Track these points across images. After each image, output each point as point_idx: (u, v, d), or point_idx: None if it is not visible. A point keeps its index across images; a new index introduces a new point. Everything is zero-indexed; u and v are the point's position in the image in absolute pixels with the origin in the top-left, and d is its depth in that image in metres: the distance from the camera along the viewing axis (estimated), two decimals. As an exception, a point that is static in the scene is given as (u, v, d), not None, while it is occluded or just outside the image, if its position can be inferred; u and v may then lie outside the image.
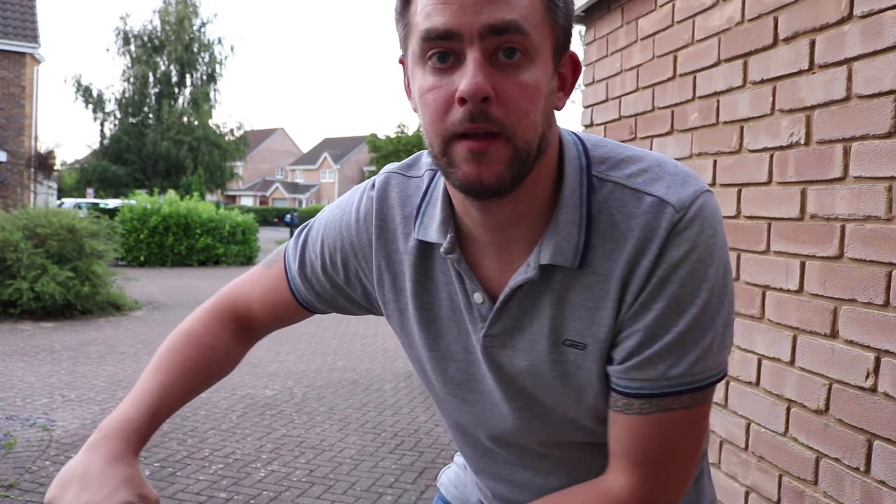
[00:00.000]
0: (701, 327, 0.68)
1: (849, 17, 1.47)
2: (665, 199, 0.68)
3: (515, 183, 0.67)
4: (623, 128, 2.48)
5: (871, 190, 1.40)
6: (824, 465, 1.50)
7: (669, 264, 0.67)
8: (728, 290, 0.70)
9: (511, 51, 0.64)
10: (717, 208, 0.71)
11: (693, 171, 0.72)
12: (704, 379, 0.70)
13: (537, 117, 0.66)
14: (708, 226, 0.68)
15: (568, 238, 0.70)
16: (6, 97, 16.24)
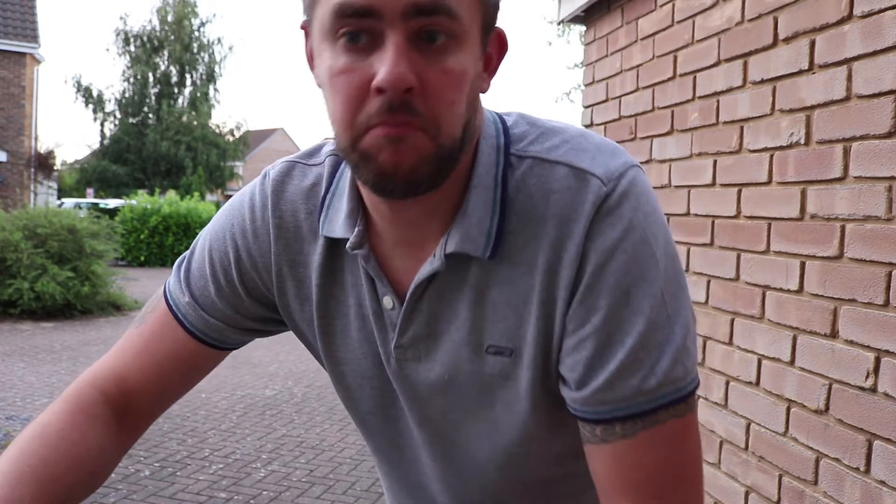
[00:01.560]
0: (665, 323, 0.57)
1: (849, 17, 1.47)
2: (588, 170, 0.59)
3: (436, 180, 0.58)
4: (623, 128, 2.48)
5: (871, 190, 1.40)
6: (824, 465, 1.50)
7: (605, 248, 0.57)
8: (682, 274, 0.60)
9: (435, 34, 0.55)
10: (649, 185, 0.61)
11: (622, 148, 0.64)
12: (686, 385, 0.58)
13: (462, 107, 0.58)
14: (644, 202, 0.58)
15: (479, 223, 0.60)
16: (6, 97, 16.24)
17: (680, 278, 0.59)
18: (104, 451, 0.69)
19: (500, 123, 0.65)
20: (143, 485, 3.81)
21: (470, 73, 0.58)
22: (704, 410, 1.95)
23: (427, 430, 0.69)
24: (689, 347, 0.58)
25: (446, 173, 0.59)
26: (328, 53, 0.56)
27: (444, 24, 0.54)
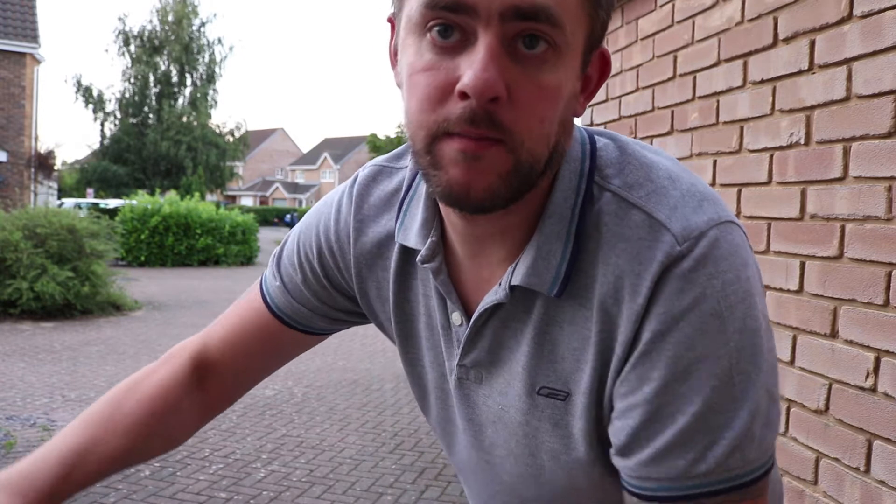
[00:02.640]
0: (728, 407, 0.51)
1: (848, 18, 1.47)
2: (665, 222, 0.53)
3: (511, 199, 0.53)
4: (623, 128, 2.48)
5: (870, 190, 1.40)
6: (824, 465, 1.50)
7: (669, 316, 0.51)
8: (764, 352, 0.52)
9: (534, 39, 0.49)
10: (743, 246, 0.54)
11: (718, 197, 0.56)
12: (745, 474, 0.52)
13: (552, 127, 0.52)
14: (726, 268, 0.52)
15: (547, 257, 0.56)
16: (6, 97, 16.24)
17: (757, 359, 0.52)
18: (183, 413, 0.74)
19: (588, 144, 0.59)
20: (143, 484, 3.81)
21: (566, 91, 0.53)
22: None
23: (478, 455, 0.67)
24: (756, 433, 0.52)
25: (522, 193, 0.54)
26: (413, 49, 0.52)
27: (546, 32, 0.49)
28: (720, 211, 0.55)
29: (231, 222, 16.27)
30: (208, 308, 9.79)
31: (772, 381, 0.53)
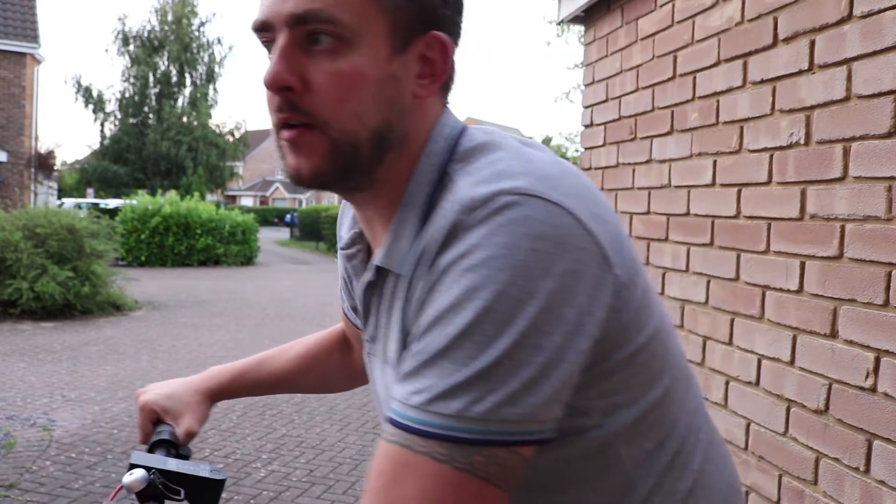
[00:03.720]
0: (457, 351, 0.52)
1: (848, 18, 1.47)
2: (463, 191, 0.57)
3: (343, 175, 0.62)
4: (623, 128, 2.48)
5: (870, 190, 1.40)
6: (824, 465, 1.50)
7: (444, 264, 0.55)
8: (510, 315, 0.52)
9: (318, 36, 0.59)
10: (535, 218, 0.54)
11: (539, 171, 0.58)
12: (453, 427, 0.52)
13: (362, 106, 0.60)
14: (504, 232, 0.53)
15: (399, 239, 0.62)
16: (6, 97, 16.24)
17: (514, 320, 0.52)
18: (335, 363, 1.01)
19: (456, 137, 0.65)
20: (143, 485, 3.80)
21: (370, 74, 0.60)
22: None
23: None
24: (479, 388, 0.52)
25: (352, 168, 0.62)
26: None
27: (326, 29, 0.59)
28: (521, 182, 0.56)
29: (231, 222, 16.27)
30: (208, 308, 9.79)
31: (523, 353, 0.53)
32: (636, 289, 0.61)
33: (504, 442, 0.53)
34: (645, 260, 2.30)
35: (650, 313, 0.64)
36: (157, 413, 0.94)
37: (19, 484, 3.71)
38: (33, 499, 3.54)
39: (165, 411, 0.94)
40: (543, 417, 0.54)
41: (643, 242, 2.32)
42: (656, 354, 0.64)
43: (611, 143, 2.57)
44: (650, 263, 2.27)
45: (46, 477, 3.82)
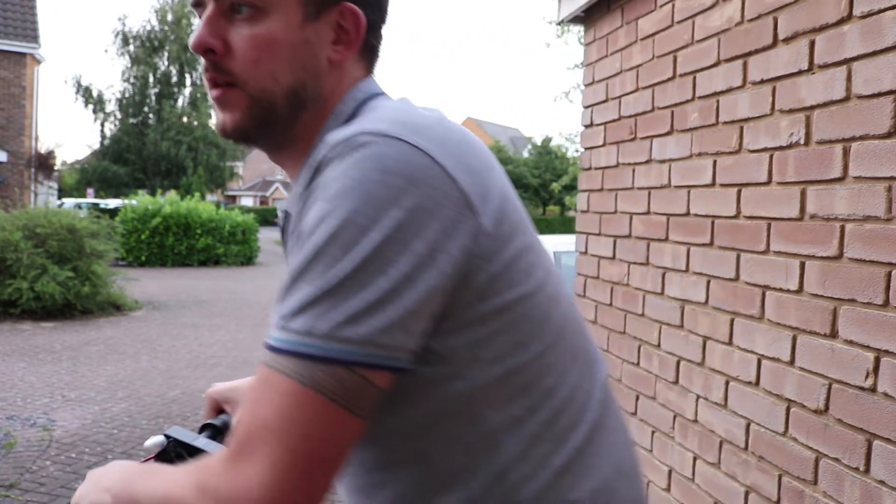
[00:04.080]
0: (307, 273, 0.57)
1: (848, 18, 1.47)
2: (333, 134, 0.63)
3: (262, 131, 0.72)
4: (623, 128, 2.48)
5: (870, 190, 1.40)
6: (824, 465, 1.50)
7: (309, 197, 0.62)
8: (355, 239, 0.57)
9: (240, 7, 0.69)
10: (386, 154, 0.59)
11: (407, 119, 0.63)
12: (299, 343, 0.56)
13: (276, 67, 0.69)
14: (357, 166, 0.58)
15: (298, 186, 0.70)
16: (6, 97, 16.24)
17: (356, 243, 0.57)
18: None
19: (363, 102, 0.74)
20: (143, 485, 3.79)
21: (284, 39, 0.70)
22: (704, 410, 1.95)
23: None
24: (320, 303, 0.57)
25: (270, 124, 0.71)
26: None
27: (245, 1, 0.69)
28: (383, 125, 0.62)
29: (231, 222, 16.26)
30: (208, 308, 9.79)
31: (364, 271, 0.57)
32: (508, 244, 0.64)
33: (345, 361, 0.57)
34: (645, 260, 2.30)
35: (529, 274, 0.66)
36: (219, 402, 0.99)
37: (19, 484, 3.71)
38: (33, 499, 3.54)
39: (226, 401, 0.98)
40: (387, 343, 0.58)
41: (643, 242, 2.32)
42: (529, 318, 0.66)
43: (611, 143, 2.57)
44: (650, 263, 2.27)
45: (46, 477, 3.82)
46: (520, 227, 0.67)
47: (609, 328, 2.54)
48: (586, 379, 0.72)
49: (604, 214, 2.61)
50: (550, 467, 0.67)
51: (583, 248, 2.78)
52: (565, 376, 0.69)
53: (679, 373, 2.09)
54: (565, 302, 0.72)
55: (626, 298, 2.42)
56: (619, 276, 2.48)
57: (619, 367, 2.45)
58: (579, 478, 0.68)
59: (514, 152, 44.32)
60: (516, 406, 0.66)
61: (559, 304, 0.70)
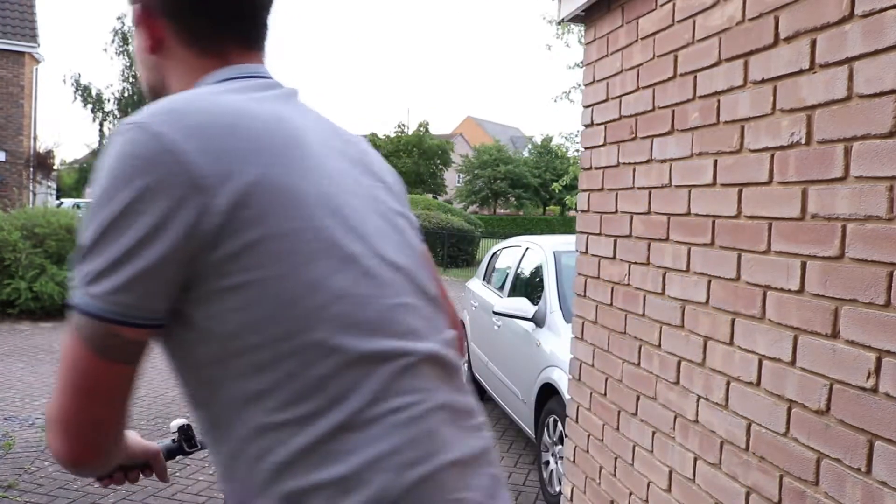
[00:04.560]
0: (81, 240, 0.73)
1: (850, 17, 1.46)
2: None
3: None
4: (623, 127, 2.48)
5: (872, 190, 1.40)
6: (825, 466, 1.50)
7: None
8: (100, 212, 0.71)
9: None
10: (138, 144, 0.73)
11: (167, 108, 0.77)
12: (69, 296, 0.74)
13: (141, 72, 0.92)
14: (113, 152, 0.75)
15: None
16: (5, 97, 16.21)
17: (99, 212, 0.71)
18: None
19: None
20: (141, 485, 3.79)
21: (140, 48, 0.89)
22: (705, 410, 1.95)
23: None
24: (80, 263, 0.72)
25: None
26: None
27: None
28: (139, 118, 0.75)
29: (230, 222, 16.25)
30: (207, 308, 9.78)
31: (98, 233, 0.71)
32: (251, 226, 0.70)
33: (94, 315, 0.70)
34: (645, 260, 2.30)
35: (278, 259, 0.71)
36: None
37: (18, 484, 3.70)
38: (32, 499, 3.53)
39: None
40: (121, 301, 0.70)
41: (644, 242, 2.32)
42: (269, 302, 0.71)
43: (611, 143, 2.57)
44: (651, 263, 2.27)
45: (45, 477, 3.81)
46: (278, 212, 0.72)
47: (609, 328, 2.54)
48: (353, 372, 0.74)
49: (604, 214, 2.60)
50: (292, 446, 0.71)
51: (583, 248, 2.77)
52: (314, 365, 0.72)
53: (680, 373, 2.08)
54: (347, 294, 0.75)
55: (627, 298, 2.41)
56: (619, 277, 2.47)
57: (620, 368, 2.45)
58: (325, 461, 0.71)
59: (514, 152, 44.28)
60: (254, 382, 0.72)
61: (322, 293, 0.73)
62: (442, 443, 0.77)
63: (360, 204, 0.82)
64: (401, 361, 0.77)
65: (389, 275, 0.80)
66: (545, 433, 3.95)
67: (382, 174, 0.93)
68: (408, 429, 0.75)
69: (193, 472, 4.07)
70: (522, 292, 4.98)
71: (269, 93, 0.84)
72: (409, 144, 36.83)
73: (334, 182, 0.79)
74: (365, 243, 0.79)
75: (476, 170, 38.99)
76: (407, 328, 0.79)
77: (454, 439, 0.79)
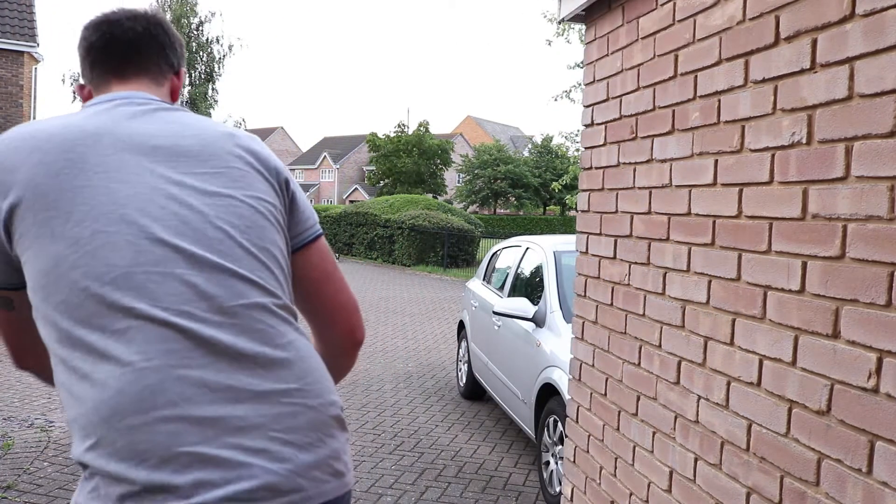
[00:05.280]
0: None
1: (851, 16, 1.46)
2: None
3: None
4: (624, 127, 2.47)
5: (873, 190, 1.39)
6: (826, 466, 1.50)
7: None
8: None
9: None
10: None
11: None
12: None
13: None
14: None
15: None
16: (4, 96, 16.20)
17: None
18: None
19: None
20: (141, 485, 3.78)
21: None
22: (706, 411, 1.95)
23: None
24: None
25: None
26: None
27: None
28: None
29: (230, 222, 16.23)
30: (207, 308, 9.77)
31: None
32: (19, 222, 1.00)
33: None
34: (646, 260, 2.29)
35: (35, 257, 0.99)
36: None
37: (17, 485, 3.69)
38: (31, 500, 3.52)
39: None
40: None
41: (644, 242, 2.31)
42: (32, 268, 1.00)
43: (611, 143, 2.57)
44: (651, 263, 2.26)
45: (44, 478, 3.80)
46: (41, 224, 0.99)
47: (610, 328, 2.53)
48: (61, 336, 1.01)
49: (604, 214, 2.60)
50: (65, 386, 1.04)
51: (583, 248, 2.77)
52: (50, 330, 1.00)
53: (680, 373, 2.08)
54: (70, 278, 0.98)
55: (627, 298, 2.41)
56: (619, 277, 2.47)
57: (620, 368, 2.45)
58: (71, 403, 1.03)
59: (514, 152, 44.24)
60: (46, 334, 1.02)
61: (53, 291, 0.99)
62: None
63: (128, 189, 1.04)
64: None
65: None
66: (545, 433, 3.95)
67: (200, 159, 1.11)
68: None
69: (193, 473, 4.06)
70: (522, 292, 4.98)
71: (102, 107, 1.11)
72: (409, 144, 36.81)
73: (115, 187, 1.02)
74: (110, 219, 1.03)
75: (476, 170, 39.00)
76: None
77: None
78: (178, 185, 1.04)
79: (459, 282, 16.01)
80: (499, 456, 4.56)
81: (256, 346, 1.00)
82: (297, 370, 1.03)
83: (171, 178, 1.04)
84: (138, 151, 1.05)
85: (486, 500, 3.82)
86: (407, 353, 7.77)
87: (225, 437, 0.93)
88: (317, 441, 1.01)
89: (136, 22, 1.20)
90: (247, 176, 1.09)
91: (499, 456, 4.56)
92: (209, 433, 0.92)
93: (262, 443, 0.95)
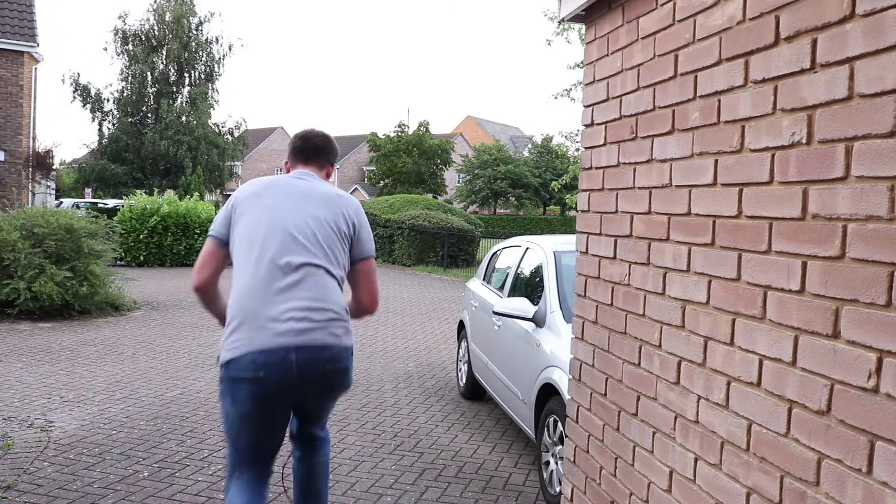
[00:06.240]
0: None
1: (851, 16, 1.46)
2: None
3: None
4: (624, 127, 2.47)
5: (873, 190, 1.39)
6: (826, 466, 1.50)
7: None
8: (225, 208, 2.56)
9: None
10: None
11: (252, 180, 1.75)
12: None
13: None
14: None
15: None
16: (4, 96, 16.20)
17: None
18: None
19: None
20: (141, 486, 3.78)
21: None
22: (706, 411, 1.94)
23: None
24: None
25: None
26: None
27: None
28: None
29: (230, 222, 16.21)
30: (207, 308, 9.77)
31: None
32: (238, 217, 2.51)
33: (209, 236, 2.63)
34: (646, 260, 2.29)
35: (239, 226, 2.51)
36: None
37: (17, 485, 3.69)
38: (31, 500, 3.52)
39: None
40: (211, 232, 2.59)
41: (644, 242, 2.31)
42: (234, 243, 2.53)
43: (611, 143, 2.57)
44: (651, 263, 2.26)
45: (44, 478, 3.80)
46: (243, 214, 2.51)
47: (610, 328, 2.53)
48: (244, 285, 2.53)
49: (604, 214, 2.60)
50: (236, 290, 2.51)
51: (583, 248, 2.77)
52: (239, 279, 2.51)
53: (680, 373, 2.08)
54: (248, 242, 2.51)
55: (627, 298, 2.41)
56: (619, 277, 2.47)
57: (620, 368, 2.45)
58: (233, 307, 2.54)
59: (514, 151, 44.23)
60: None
61: (243, 243, 2.52)
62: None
63: (288, 217, 2.48)
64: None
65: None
66: (545, 433, 3.95)
67: (328, 205, 2.56)
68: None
69: (193, 473, 4.05)
70: (522, 292, 4.98)
71: (292, 175, 2.64)
72: (410, 144, 36.82)
73: (278, 204, 2.50)
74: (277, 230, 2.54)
75: (476, 170, 39.01)
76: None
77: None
78: (310, 214, 2.46)
79: (459, 282, 16.01)
80: (499, 456, 4.56)
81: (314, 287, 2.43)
82: (331, 298, 2.44)
83: (308, 209, 2.47)
84: (299, 196, 2.50)
85: (486, 500, 3.82)
86: (407, 353, 7.77)
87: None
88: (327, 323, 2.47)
89: (319, 138, 2.70)
90: (339, 218, 2.50)
91: (499, 456, 4.56)
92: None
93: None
